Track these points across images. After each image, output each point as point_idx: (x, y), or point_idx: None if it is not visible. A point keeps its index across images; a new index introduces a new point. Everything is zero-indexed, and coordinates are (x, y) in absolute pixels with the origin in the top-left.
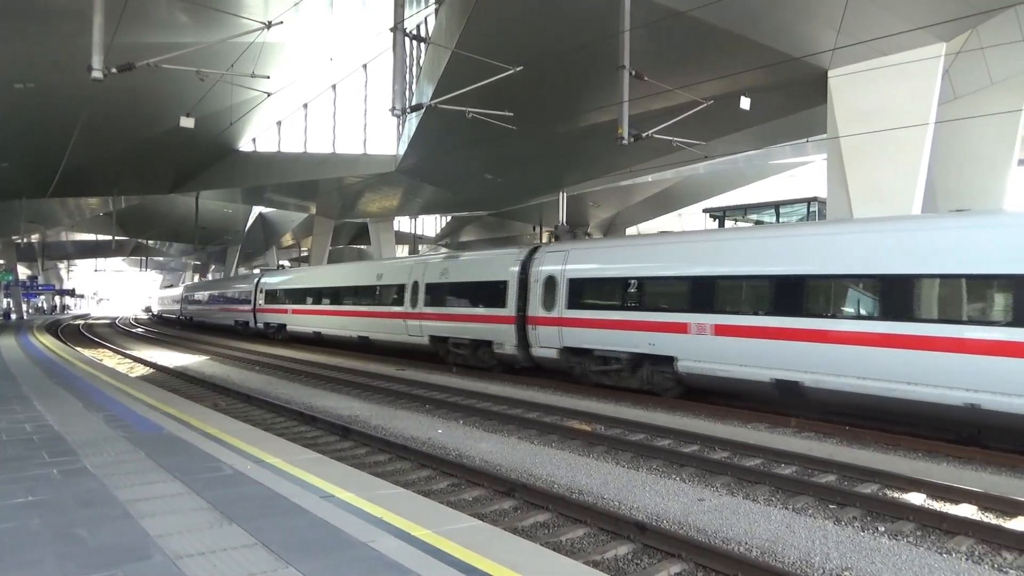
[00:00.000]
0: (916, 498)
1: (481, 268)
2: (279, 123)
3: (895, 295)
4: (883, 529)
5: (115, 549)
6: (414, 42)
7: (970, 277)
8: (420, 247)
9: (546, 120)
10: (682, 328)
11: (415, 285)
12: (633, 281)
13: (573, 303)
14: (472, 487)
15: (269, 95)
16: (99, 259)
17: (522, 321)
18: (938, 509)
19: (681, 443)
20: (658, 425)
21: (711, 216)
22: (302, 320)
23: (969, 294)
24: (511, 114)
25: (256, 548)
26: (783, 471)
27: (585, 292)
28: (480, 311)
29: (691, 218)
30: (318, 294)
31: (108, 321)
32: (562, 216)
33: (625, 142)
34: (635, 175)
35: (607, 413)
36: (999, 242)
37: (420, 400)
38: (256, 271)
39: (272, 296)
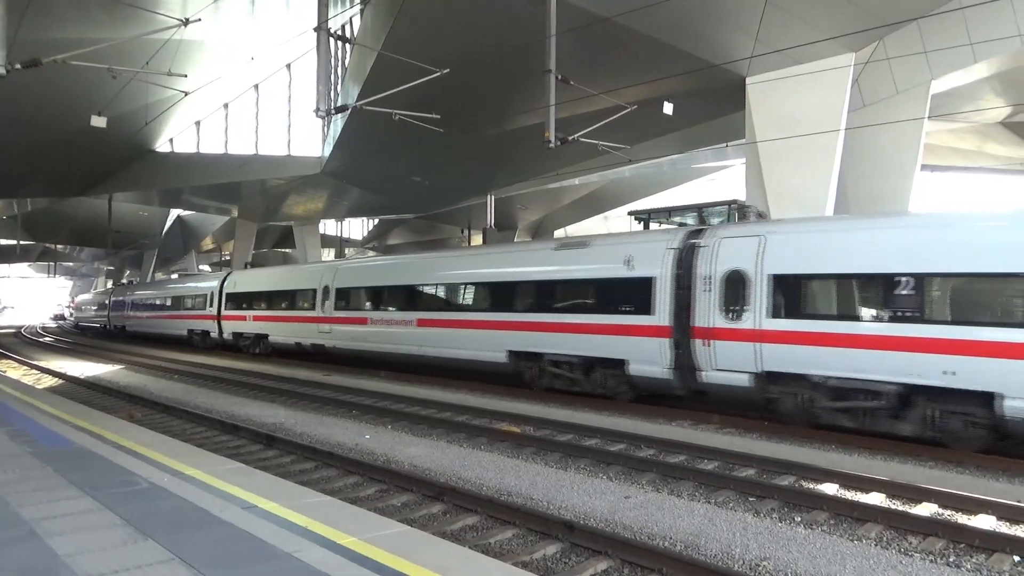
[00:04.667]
0: (830, 488)
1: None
2: (198, 123)
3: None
4: (799, 519)
5: (21, 571)
6: (339, 43)
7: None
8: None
9: (474, 123)
10: None
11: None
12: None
13: None
14: (401, 492)
15: (187, 94)
16: (2, 265)
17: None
18: (850, 498)
19: (608, 442)
20: (586, 425)
21: (636, 219)
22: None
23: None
24: (438, 116)
25: (173, 564)
26: (706, 466)
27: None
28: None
29: (617, 221)
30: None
31: (13, 331)
32: (490, 219)
33: (552, 145)
34: (562, 178)
35: (536, 414)
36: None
37: (347, 406)
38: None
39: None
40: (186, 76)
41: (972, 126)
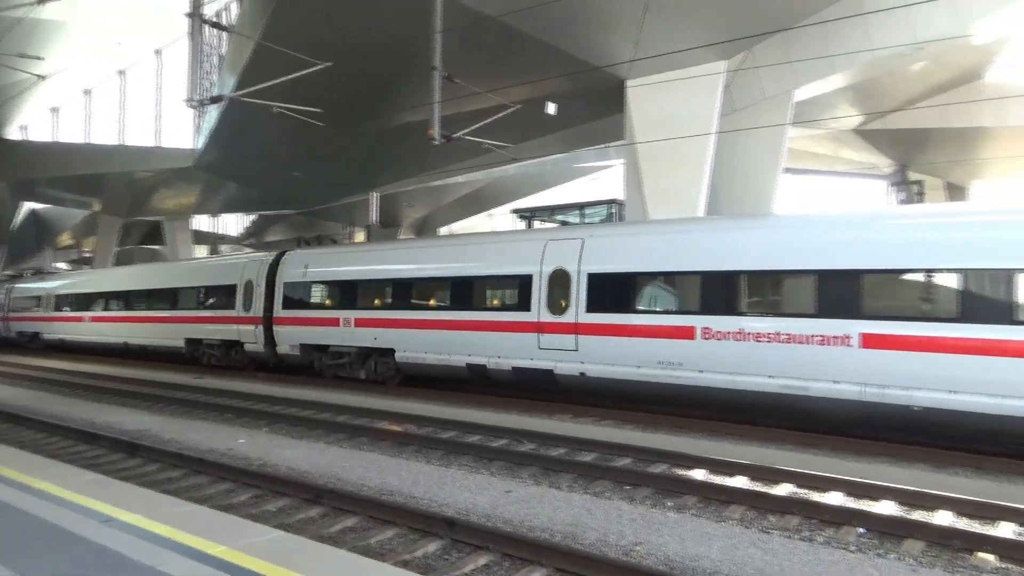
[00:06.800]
0: (699, 474)
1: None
2: (55, 110)
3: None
4: (671, 504)
5: None
6: (214, 29)
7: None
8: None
9: (358, 118)
10: None
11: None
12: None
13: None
14: (277, 497)
15: (42, 78)
16: None
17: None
18: (717, 482)
19: (491, 438)
20: (469, 421)
21: (520, 216)
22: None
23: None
24: (321, 110)
25: None
26: (584, 458)
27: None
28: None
29: (501, 219)
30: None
31: None
32: (374, 216)
33: (437, 142)
34: (447, 175)
35: (419, 412)
36: None
37: (219, 409)
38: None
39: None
40: (42, 59)
41: (829, 133)
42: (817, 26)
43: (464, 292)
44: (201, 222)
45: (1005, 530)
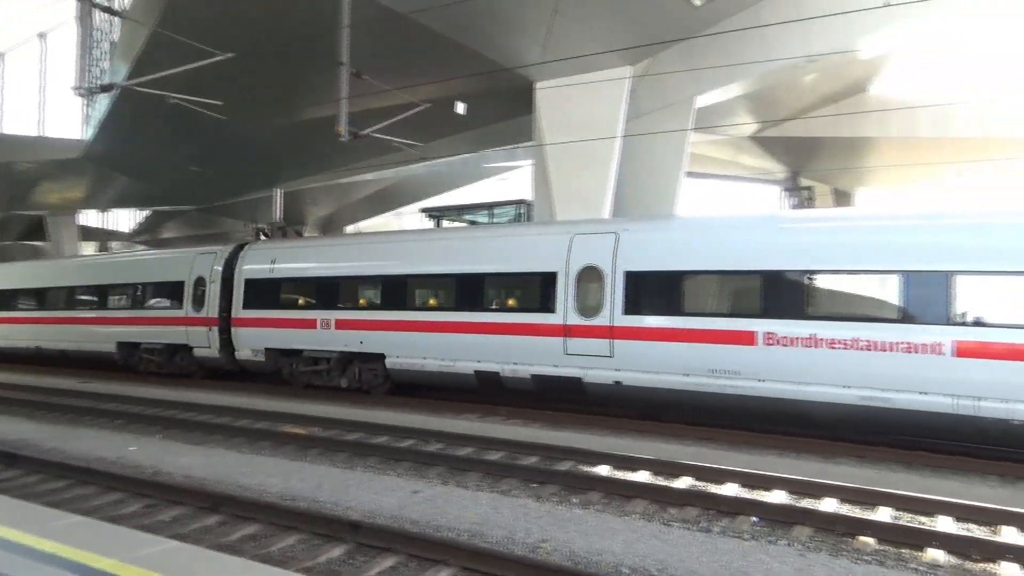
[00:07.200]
0: (604, 470)
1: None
2: None
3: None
4: (576, 500)
5: None
6: (105, 14)
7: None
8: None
9: (262, 112)
10: None
11: None
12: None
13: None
14: (171, 506)
15: None
16: None
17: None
18: (620, 477)
19: (397, 439)
20: (375, 422)
21: (428, 216)
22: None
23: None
24: (221, 103)
25: None
26: (492, 457)
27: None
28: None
29: (410, 218)
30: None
31: None
32: (278, 213)
33: (344, 139)
34: (355, 173)
35: (325, 414)
36: None
37: (109, 415)
38: None
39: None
40: None
41: (728, 139)
42: (718, 36)
43: (473, 291)
44: (89, 217)
45: (883, 515)
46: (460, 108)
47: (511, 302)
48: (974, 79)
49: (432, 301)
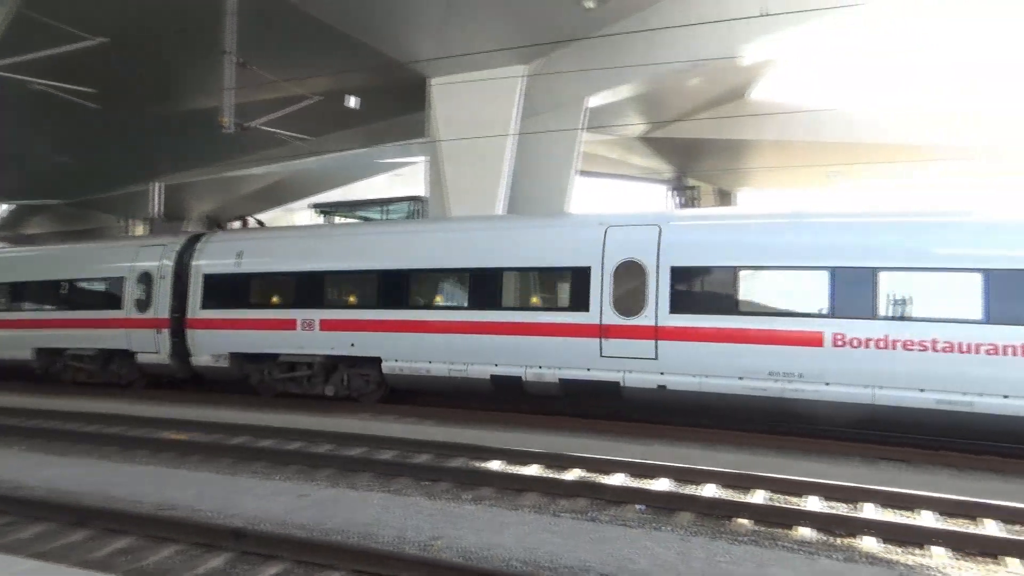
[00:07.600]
0: (496, 465)
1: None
2: None
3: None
4: (468, 497)
5: None
6: None
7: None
8: None
9: (139, 100)
10: None
11: None
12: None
13: None
14: (32, 523)
15: None
16: None
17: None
18: (512, 472)
19: (285, 441)
20: (261, 425)
21: (319, 212)
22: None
23: None
24: (94, 90)
25: None
26: (384, 456)
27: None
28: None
29: (300, 214)
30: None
31: None
32: (156, 208)
33: (229, 131)
34: (242, 167)
35: (207, 418)
36: None
37: None
38: None
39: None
40: None
41: (619, 139)
42: (608, 38)
43: (490, 287)
44: None
45: (758, 497)
46: (352, 102)
47: (535, 300)
48: (843, 87)
49: (438, 299)
